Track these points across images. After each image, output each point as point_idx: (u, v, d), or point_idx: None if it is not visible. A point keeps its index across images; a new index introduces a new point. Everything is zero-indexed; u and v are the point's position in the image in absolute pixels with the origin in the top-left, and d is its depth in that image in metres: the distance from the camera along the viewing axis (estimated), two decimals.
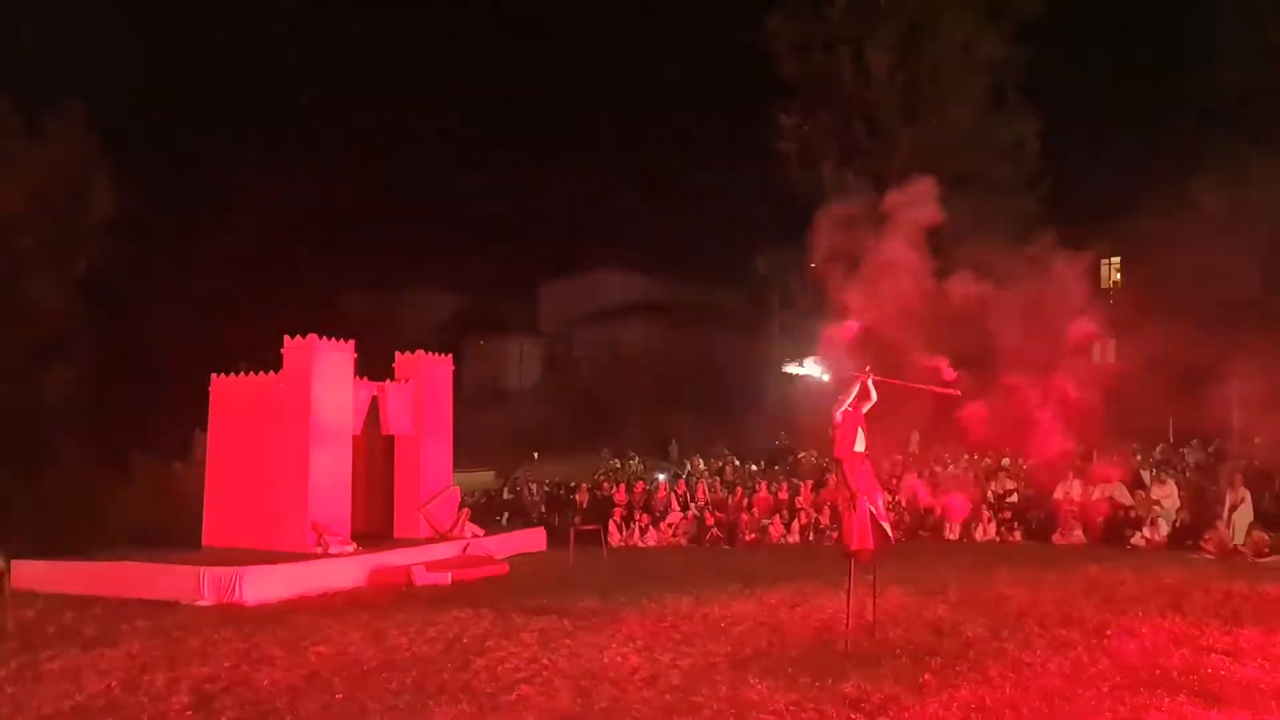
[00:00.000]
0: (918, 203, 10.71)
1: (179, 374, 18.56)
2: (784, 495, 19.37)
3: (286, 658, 8.86)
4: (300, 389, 14.54)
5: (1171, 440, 19.63)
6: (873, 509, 9.24)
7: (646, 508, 19.12)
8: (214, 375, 15.58)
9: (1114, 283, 25.69)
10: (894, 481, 18.52)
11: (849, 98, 25.07)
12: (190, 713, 7.30)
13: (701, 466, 22.80)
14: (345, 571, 13.46)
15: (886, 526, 9.52)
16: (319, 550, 13.82)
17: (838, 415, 9.23)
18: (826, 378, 9.95)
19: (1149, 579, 12.72)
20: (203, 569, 12.28)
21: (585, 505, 19.96)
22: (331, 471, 14.63)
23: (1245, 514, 15.29)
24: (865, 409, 9.36)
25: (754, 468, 22.50)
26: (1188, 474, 17.74)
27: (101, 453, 22.92)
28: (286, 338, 14.77)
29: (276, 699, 7.54)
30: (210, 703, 7.49)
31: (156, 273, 30.39)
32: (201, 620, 10.71)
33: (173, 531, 15.38)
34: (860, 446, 9.26)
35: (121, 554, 13.65)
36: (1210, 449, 18.65)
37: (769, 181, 26.21)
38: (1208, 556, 14.90)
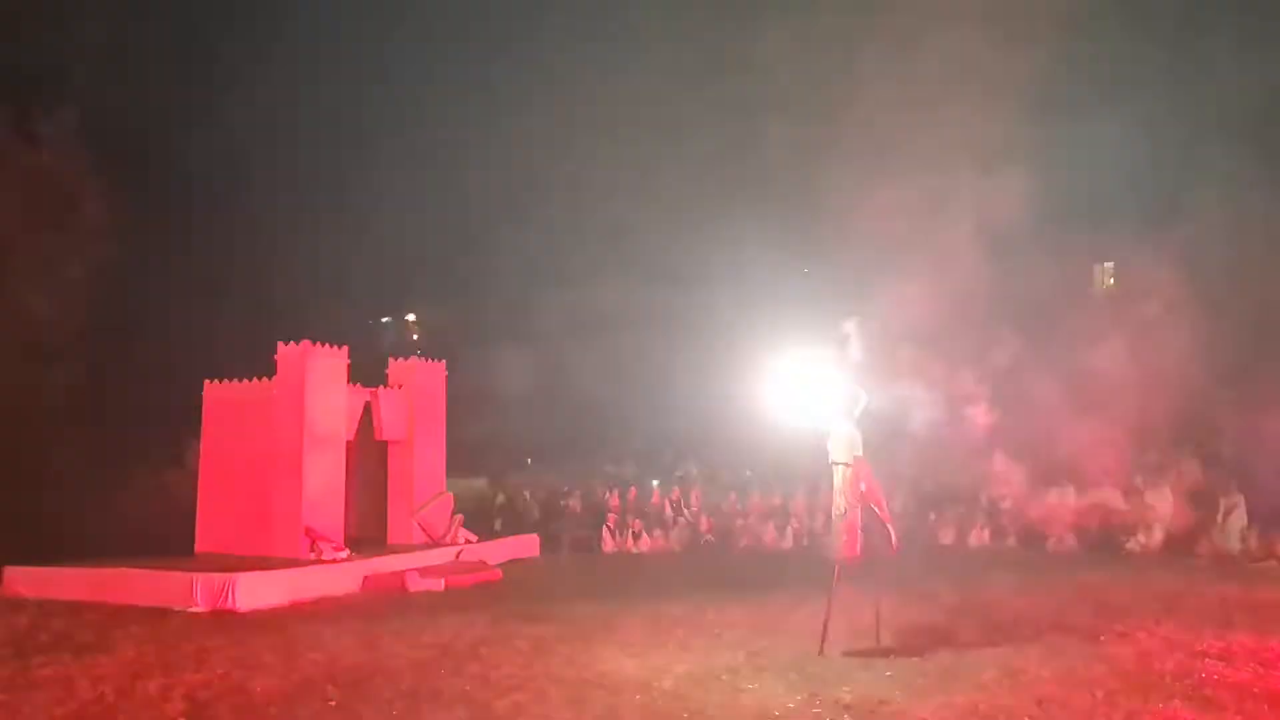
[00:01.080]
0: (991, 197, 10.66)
1: (173, 380, 18.49)
2: (778, 501, 19.38)
3: (280, 664, 8.83)
4: (294, 395, 14.50)
5: (1166, 446, 19.63)
6: (878, 511, 9.24)
7: (640, 514, 19.11)
8: (207, 381, 15.53)
9: (1108, 287, 25.72)
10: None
11: (835, 102, 25.11)
12: (183, 719, 7.28)
13: (695, 472, 22.77)
14: (339, 578, 13.42)
15: (891, 530, 9.52)
16: (312, 556, 13.78)
17: (834, 424, 9.21)
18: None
19: (1143, 584, 12.77)
20: (196, 575, 12.22)
21: (579, 511, 19.92)
22: (325, 477, 14.59)
23: (1239, 519, 15.35)
24: (858, 414, 9.35)
25: (748, 473, 22.46)
26: (1182, 479, 17.76)
27: (95, 459, 22.81)
28: (280, 344, 14.72)
29: (270, 706, 7.52)
30: (204, 710, 7.46)
31: (150, 279, 30.27)
32: (195, 627, 10.67)
33: (166, 538, 15.32)
34: (859, 450, 9.25)
35: (115, 560, 13.58)
36: (1205, 454, 18.67)
37: (761, 187, 26.16)
38: (1201, 562, 14.95)
